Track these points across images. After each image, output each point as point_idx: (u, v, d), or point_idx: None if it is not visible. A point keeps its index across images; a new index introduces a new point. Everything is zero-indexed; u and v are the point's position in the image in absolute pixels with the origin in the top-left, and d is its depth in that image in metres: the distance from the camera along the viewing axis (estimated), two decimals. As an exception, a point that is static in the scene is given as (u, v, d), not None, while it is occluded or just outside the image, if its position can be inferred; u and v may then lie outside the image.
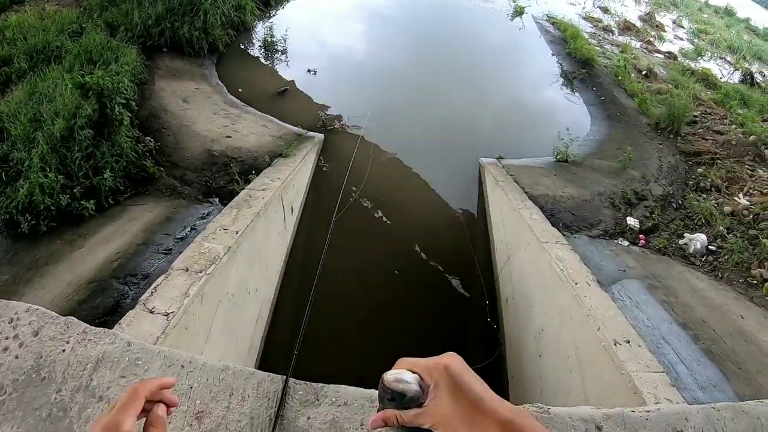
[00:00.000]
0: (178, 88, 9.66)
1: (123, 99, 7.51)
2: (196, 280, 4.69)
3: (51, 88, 7.05)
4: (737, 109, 12.18)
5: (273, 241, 6.97)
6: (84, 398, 1.89)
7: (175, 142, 7.98)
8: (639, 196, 8.40)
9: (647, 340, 5.00)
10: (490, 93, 13.36)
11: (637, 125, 11.05)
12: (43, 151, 6.09)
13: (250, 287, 6.08)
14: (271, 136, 8.69)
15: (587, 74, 13.52)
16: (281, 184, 7.10)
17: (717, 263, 7.03)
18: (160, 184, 7.09)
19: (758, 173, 9.26)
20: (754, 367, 5.08)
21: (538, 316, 6.26)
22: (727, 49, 18.38)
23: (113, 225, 6.08)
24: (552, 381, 5.61)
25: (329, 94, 11.51)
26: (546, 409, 2.11)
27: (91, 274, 5.10)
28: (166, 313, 4.22)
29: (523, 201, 7.64)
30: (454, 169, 9.97)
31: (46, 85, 7.19)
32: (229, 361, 5.25)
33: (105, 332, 2.10)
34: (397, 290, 7.55)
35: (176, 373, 2.02)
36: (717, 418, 2.20)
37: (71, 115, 6.52)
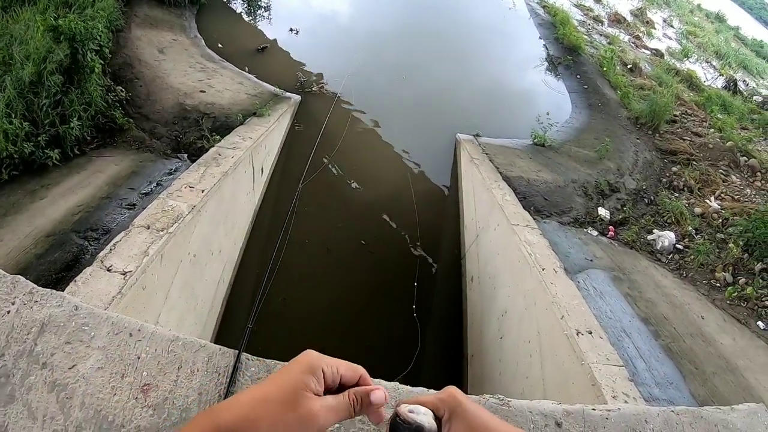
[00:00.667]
0: (154, 38, 9.27)
1: (96, 45, 7.05)
2: (157, 238, 4.49)
3: (23, 30, 6.63)
4: (718, 114, 12.24)
5: (240, 201, 6.75)
6: (27, 364, 1.73)
7: (147, 94, 7.65)
8: (612, 188, 8.34)
9: (609, 331, 4.92)
10: (473, 69, 13.20)
11: (617, 117, 10.99)
12: (10, 96, 5.68)
13: (214, 248, 5.89)
14: (246, 94, 8.40)
15: (573, 61, 13.43)
16: (252, 143, 6.85)
17: (683, 262, 7.00)
18: (129, 136, 6.79)
19: (731, 179, 9.30)
20: (710, 369, 5.06)
21: (502, 298, 6.15)
22: (713, 54, 18.48)
23: (77, 176, 5.79)
24: (512, 364, 5.53)
25: (310, 55, 11.23)
26: (506, 402, 2.00)
27: (50, 226, 4.87)
28: (124, 272, 4.03)
29: (496, 181, 7.50)
30: (430, 142, 9.81)
31: (18, 27, 6.73)
32: (188, 323, 5.16)
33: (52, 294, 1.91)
34: (363, 261, 7.42)
35: (124, 341, 1.87)
36: (676, 422, 2.16)
37: (41, 60, 6.11)
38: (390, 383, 1.97)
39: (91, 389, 1.71)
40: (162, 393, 1.77)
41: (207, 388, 1.81)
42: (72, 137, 6.06)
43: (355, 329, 6.64)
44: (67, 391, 1.70)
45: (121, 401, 1.72)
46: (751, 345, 5.70)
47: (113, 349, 1.81)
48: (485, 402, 1.96)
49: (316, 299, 6.78)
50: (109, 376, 1.75)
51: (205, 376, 1.84)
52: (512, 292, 5.97)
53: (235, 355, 1.94)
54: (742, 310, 6.27)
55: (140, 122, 7.14)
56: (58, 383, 1.71)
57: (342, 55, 11.72)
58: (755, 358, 5.49)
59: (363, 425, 1.78)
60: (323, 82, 10.20)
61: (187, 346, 1.90)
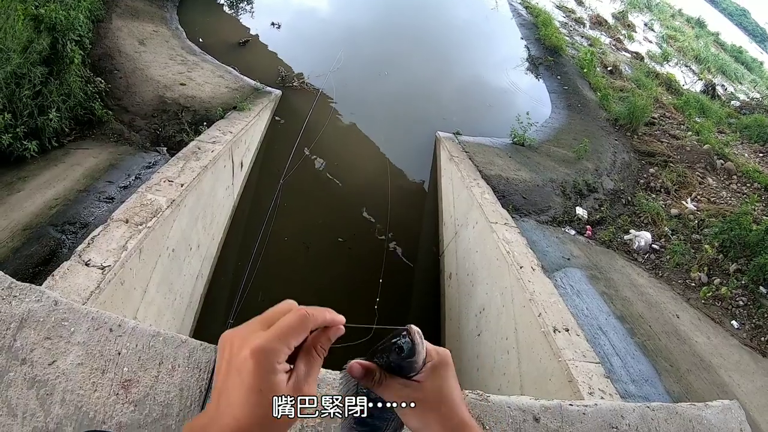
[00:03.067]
0: (135, 29, 9.13)
1: (76, 36, 6.96)
2: (135, 233, 4.44)
3: (3, 19, 6.51)
4: (695, 117, 12.41)
5: (219, 196, 6.69)
6: (6, 360, 1.71)
7: (126, 86, 7.55)
8: (590, 188, 8.41)
9: (585, 329, 4.97)
10: (453, 67, 13.21)
11: (596, 119, 11.08)
12: None
13: (192, 243, 5.84)
14: (227, 88, 8.32)
15: (553, 62, 13.49)
16: (232, 138, 6.80)
17: (659, 262, 7.10)
18: (107, 129, 6.72)
19: (708, 181, 9.43)
20: (684, 366, 5.14)
21: (480, 294, 6.19)
22: (693, 58, 18.68)
23: (55, 169, 5.71)
24: (489, 360, 5.57)
25: (291, 50, 11.18)
26: (485, 397, 2.01)
27: (27, 220, 4.80)
28: (102, 267, 3.98)
29: (475, 179, 7.52)
30: (410, 139, 9.81)
31: None
32: (166, 318, 5.12)
33: (31, 289, 1.87)
34: (341, 256, 7.41)
35: (104, 336, 1.84)
36: (651, 418, 2.18)
37: (23, 50, 6.01)
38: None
39: (71, 385, 1.70)
40: (143, 389, 1.76)
41: (188, 384, 1.81)
42: (50, 129, 5.99)
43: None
44: (47, 387, 1.68)
45: (101, 397, 1.71)
46: (724, 343, 5.80)
47: (94, 345, 1.80)
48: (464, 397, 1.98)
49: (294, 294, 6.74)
50: (90, 372, 1.74)
51: (187, 372, 1.83)
52: (490, 290, 6.01)
53: (216, 350, 1.93)
54: (716, 309, 6.38)
55: (119, 114, 7.06)
56: (38, 379, 1.69)
57: (324, 51, 11.64)
58: (729, 356, 5.59)
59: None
60: (304, 77, 10.15)
61: (168, 341, 1.89)
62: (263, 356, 0.75)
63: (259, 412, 0.74)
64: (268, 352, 0.76)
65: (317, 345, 0.84)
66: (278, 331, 0.79)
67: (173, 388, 1.78)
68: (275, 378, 0.75)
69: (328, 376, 1.92)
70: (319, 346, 0.85)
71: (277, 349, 0.76)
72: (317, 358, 0.83)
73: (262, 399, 0.74)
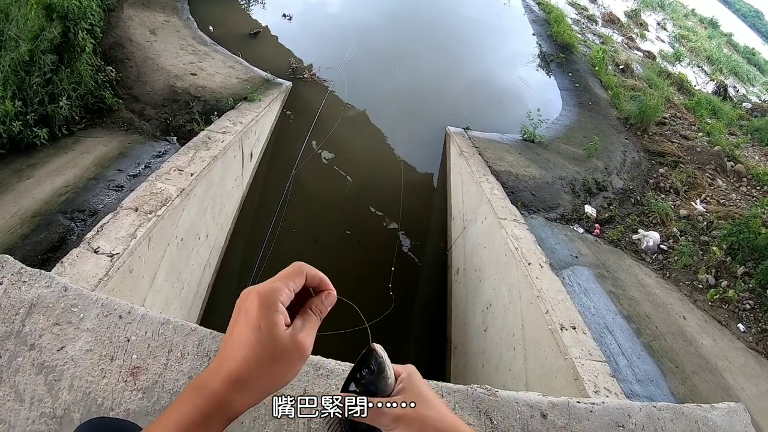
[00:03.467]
0: (146, 19, 9.15)
1: (88, 24, 6.96)
2: (144, 221, 4.45)
3: (16, 7, 6.52)
4: (707, 118, 12.34)
5: (228, 186, 6.70)
6: (15, 346, 1.70)
7: (137, 75, 7.56)
8: (599, 186, 8.37)
9: (592, 328, 4.95)
10: (464, 62, 13.17)
11: (607, 117, 11.02)
12: (6, 74, 5.58)
13: (201, 232, 5.86)
14: (237, 79, 8.32)
15: (565, 59, 13.41)
16: (243, 128, 6.79)
17: (666, 262, 7.07)
18: (118, 117, 6.73)
19: (717, 183, 9.38)
20: (690, 368, 5.12)
21: (488, 290, 6.17)
22: (705, 59, 18.53)
23: (65, 156, 5.72)
24: (495, 356, 5.56)
25: (302, 42, 11.16)
26: (493, 392, 2.00)
27: (37, 207, 4.82)
28: (111, 254, 3.99)
29: (485, 175, 7.50)
30: (420, 134, 9.79)
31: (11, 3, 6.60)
32: (174, 307, 5.13)
33: (41, 274, 1.88)
34: (350, 249, 7.41)
35: (113, 323, 1.83)
36: (658, 418, 2.16)
37: (34, 38, 6.01)
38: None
39: (80, 371, 1.70)
40: (152, 376, 1.75)
41: (197, 372, 1.80)
42: (61, 117, 6.00)
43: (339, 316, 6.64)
44: (55, 373, 1.68)
45: (110, 384, 1.70)
46: (730, 346, 5.77)
47: (103, 331, 1.79)
48: (472, 392, 1.97)
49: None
50: (98, 359, 1.74)
51: (196, 360, 1.83)
52: (497, 286, 5.99)
53: (225, 340, 1.92)
54: (723, 311, 6.35)
55: (130, 103, 7.07)
56: (47, 365, 1.68)
57: (335, 44, 11.61)
58: (734, 359, 5.56)
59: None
60: (315, 70, 10.14)
61: (178, 329, 1.89)
62: (265, 294, 0.82)
63: (258, 351, 0.79)
64: (270, 291, 0.83)
65: (312, 305, 0.91)
66: (278, 276, 0.87)
67: (182, 376, 1.78)
68: (275, 316, 0.81)
69: (338, 367, 1.91)
70: (314, 306, 0.91)
71: (278, 288, 0.83)
72: (312, 315, 0.89)
73: (261, 336, 0.79)
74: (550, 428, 1.96)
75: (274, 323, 0.80)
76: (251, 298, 0.82)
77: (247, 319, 0.81)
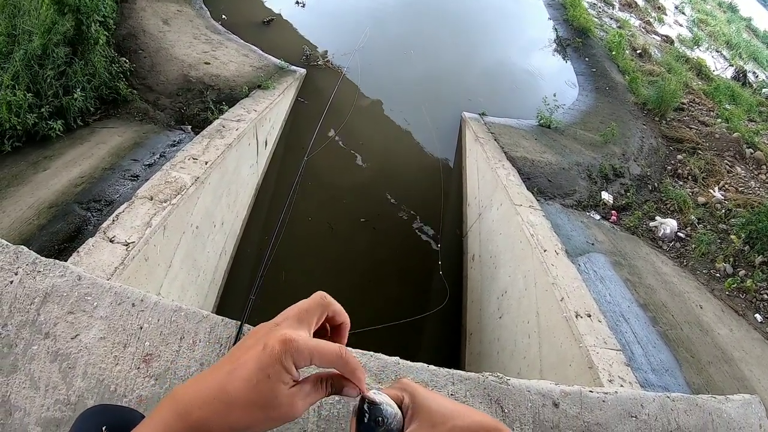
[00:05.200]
0: (159, 9, 9.16)
1: (100, 17, 7.02)
2: (159, 209, 4.48)
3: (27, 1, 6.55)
4: (725, 104, 12.15)
5: (243, 174, 6.72)
6: (30, 334, 1.74)
7: (151, 65, 7.58)
8: (616, 173, 8.30)
9: (607, 316, 4.92)
10: (480, 47, 13.06)
11: (624, 102, 10.90)
12: (17, 68, 5.63)
13: (216, 220, 5.89)
14: (251, 67, 8.31)
15: (582, 44, 13.26)
16: (257, 116, 6.80)
17: (684, 251, 7.01)
18: (132, 108, 6.77)
19: (736, 170, 9.26)
20: (706, 358, 5.08)
21: (503, 277, 6.16)
22: (724, 43, 18.22)
23: (80, 147, 5.76)
24: (510, 343, 5.55)
25: (316, 29, 11.11)
26: (505, 380, 2.00)
27: (53, 197, 4.86)
28: (126, 243, 4.03)
29: (500, 160, 7.46)
30: (435, 120, 9.73)
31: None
32: (190, 294, 5.18)
33: (55, 264, 1.91)
34: (366, 236, 7.42)
35: (126, 311, 1.86)
36: (671, 408, 2.15)
37: (46, 32, 6.05)
38: (391, 358, 1.98)
39: (93, 359, 1.72)
40: (164, 363, 1.77)
41: (209, 359, 1.82)
42: (75, 108, 6.04)
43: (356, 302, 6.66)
44: (69, 361, 1.70)
45: (123, 371, 1.72)
46: (747, 337, 5.72)
47: (116, 319, 1.81)
48: (484, 380, 1.96)
49: (318, 273, 6.81)
50: (112, 346, 1.76)
51: (207, 347, 1.84)
52: (513, 272, 5.97)
53: (237, 326, 1.94)
54: (740, 301, 6.29)
55: (144, 93, 7.10)
56: (61, 353, 1.71)
57: (349, 30, 11.55)
58: (751, 350, 5.51)
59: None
60: (329, 56, 10.11)
61: (190, 316, 1.90)
62: (293, 350, 0.76)
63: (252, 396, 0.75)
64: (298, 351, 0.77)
65: (327, 379, 0.85)
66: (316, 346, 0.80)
67: (194, 363, 1.79)
68: (285, 376, 0.76)
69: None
70: (330, 381, 0.85)
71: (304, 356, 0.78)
72: (321, 390, 0.84)
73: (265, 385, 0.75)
74: (562, 417, 1.95)
75: (282, 379, 0.76)
76: (276, 338, 0.77)
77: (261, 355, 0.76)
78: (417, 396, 0.89)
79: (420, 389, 0.91)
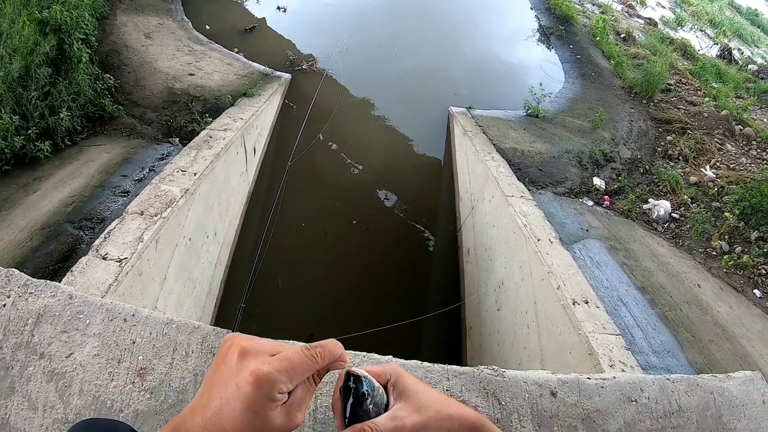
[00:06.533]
0: (140, 23, 9.17)
1: (82, 34, 7.06)
2: (151, 224, 4.50)
3: (8, 24, 6.53)
4: (712, 83, 12.18)
5: (234, 183, 6.73)
6: (26, 355, 1.75)
7: (135, 80, 7.60)
8: (607, 158, 8.31)
9: (605, 301, 4.94)
10: (463, 41, 13.07)
11: (611, 87, 10.91)
12: (0, 91, 5.63)
13: (209, 230, 5.90)
14: (235, 75, 8.33)
15: (565, 31, 13.27)
16: (244, 124, 6.81)
17: (679, 231, 7.02)
18: (119, 124, 6.79)
19: (726, 147, 9.28)
20: (707, 337, 5.09)
21: (499, 269, 6.17)
22: (708, 22, 18.22)
23: (69, 167, 5.78)
24: (509, 335, 5.56)
25: (299, 33, 11.13)
26: (500, 372, 2.00)
27: (45, 219, 4.88)
28: (119, 259, 4.04)
29: (490, 153, 7.47)
30: (423, 117, 9.74)
31: (3, 21, 6.63)
32: (187, 306, 5.18)
33: (46, 284, 1.92)
34: (359, 237, 7.42)
35: (119, 326, 1.87)
36: (671, 390, 2.14)
37: (28, 53, 6.06)
38: (383, 357, 1.99)
39: (88, 376, 1.72)
40: (158, 376, 1.78)
41: (202, 369, 1.82)
42: (62, 128, 6.06)
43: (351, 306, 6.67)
44: (65, 379, 1.71)
45: (118, 386, 1.73)
46: (747, 313, 5.73)
47: (109, 336, 1.82)
48: (479, 373, 1.96)
49: (314, 279, 6.80)
50: (106, 362, 1.76)
51: (200, 358, 1.85)
52: (508, 264, 5.98)
53: (228, 334, 1.94)
54: (738, 278, 6.30)
55: (130, 109, 7.12)
56: (57, 372, 1.72)
57: (332, 32, 11.51)
58: (752, 325, 5.52)
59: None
60: (314, 60, 10.10)
61: (182, 328, 1.91)
62: (267, 384, 0.77)
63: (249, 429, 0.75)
64: (272, 382, 0.77)
65: (316, 375, 0.86)
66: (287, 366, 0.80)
67: (188, 374, 1.80)
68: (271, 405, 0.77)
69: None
70: (316, 374, 0.86)
71: (281, 381, 0.78)
72: (314, 386, 0.86)
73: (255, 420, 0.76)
74: (561, 406, 1.95)
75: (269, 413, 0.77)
76: (246, 377, 0.77)
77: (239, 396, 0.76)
78: (403, 378, 0.92)
79: (406, 374, 0.94)
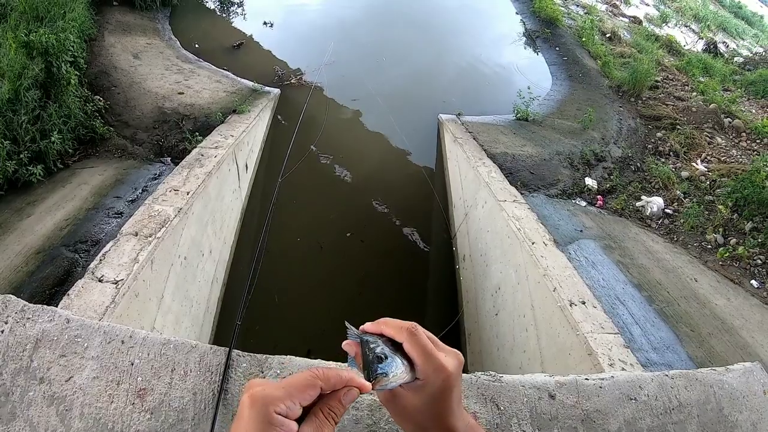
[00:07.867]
0: (128, 44, 9.20)
1: (70, 57, 7.06)
2: (145, 244, 4.51)
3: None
4: (699, 77, 12.26)
5: (227, 200, 6.73)
6: (25, 381, 1.76)
7: (125, 101, 7.61)
8: (598, 157, 8.35)
9: (602, 300, 4.95)
10: (451, 48, 13.13)
11: (599, 87, 10.98)
12: None
13: (204, 249, 5.90)
14: (225, 92, 8.35)
15: (551, 34, 13.36)
16: (235, 141, 6.82)
17: (673, 226, 7.05)
18: (110, 145, 6.79)
19: (716, 141, 9.33)
20: (706, 330, 5.10)
21: (495, 274, 6.18)
22: (692, 17, 18.38)
23: (62, 190, 5.77)
24: (508, 339, 5.57)
25: (287, 47, 11.18)
26: (498, 378, 2.00)
27: (40, 243, 4.86)
28: (115, 281, 4.04)
29: (481, 159, 7.50)
30: (414, 125, 9.75)
31: None
32: (185, 325, 5.18)
33: (43, 309, 1.93)
34: (354, 250, 7.41)
35: (117, 348, 1.88)
36: (671, 386, 2.15)
37: (16, 76, 6.05)
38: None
39: (88, 399, 1.73)
40: (158, 396, 1.78)
41: (201, 388, 1.83)
42: (54, 151, 6.05)
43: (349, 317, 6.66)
44: (66, 403, 1.72)
45: (118, 408, 1.74)
46: (745, 304, 5.75)
47: (107, 358, 1.83)
48: (476, 379, 1.97)
49: (311, 293, 6.79)
50: (105, 385, 1.77)
51: (198, 376, 1.86)
52: (504, 268, 6.00)
53: (226, 352, 1.95)
54: (734, 270, 6.33)
55: (121, 129, 7.12)
56: (57, 396, 1.72)
57: (319, 45, 11.57)
58: (750, 316, 5.53)
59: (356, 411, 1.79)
60: (302, 74, 10.15)
61: (179, 348, 1.92)
62: (260, 403, 0.73)
63: None
64: (266, 399, 0.74)
65: (325, 408, 0.79)
66: (284, 383, 0.77)
67: (187, 393, 1.80)
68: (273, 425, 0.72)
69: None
70: (327, 408, 0.79)
71: (276, 397, 0.74)
72: (325, 422, 0.78)
73: None
74: (560, 408, 1.96)
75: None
76: (242, 402, 0.75)
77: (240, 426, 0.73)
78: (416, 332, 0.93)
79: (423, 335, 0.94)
